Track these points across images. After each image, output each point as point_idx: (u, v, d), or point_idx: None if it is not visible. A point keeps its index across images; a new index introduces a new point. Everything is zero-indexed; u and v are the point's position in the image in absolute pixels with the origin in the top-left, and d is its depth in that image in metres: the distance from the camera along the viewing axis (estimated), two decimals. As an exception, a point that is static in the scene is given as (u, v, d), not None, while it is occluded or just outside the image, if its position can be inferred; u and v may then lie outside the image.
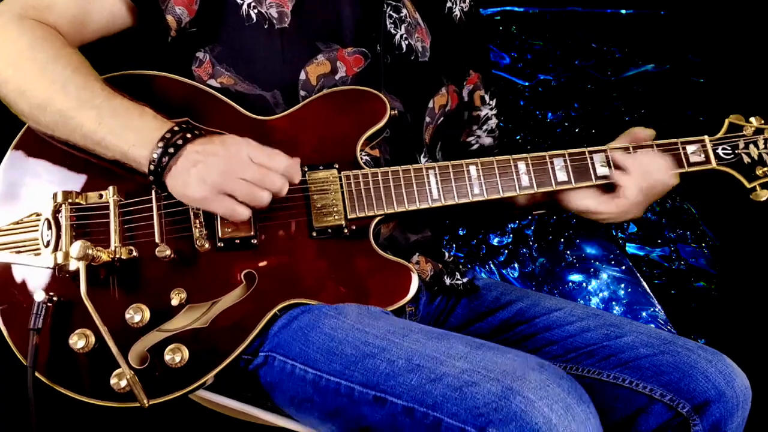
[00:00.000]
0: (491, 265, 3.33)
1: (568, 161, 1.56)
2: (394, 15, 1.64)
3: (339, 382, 1.30)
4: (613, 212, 1.58)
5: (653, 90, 3.31)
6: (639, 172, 1.54)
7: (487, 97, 1.88)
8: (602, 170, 1.56)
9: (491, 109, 1.88)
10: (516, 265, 3.33)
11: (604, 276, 3.28)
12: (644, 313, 3.21)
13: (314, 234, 1.45)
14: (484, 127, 1.88)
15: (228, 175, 1.31)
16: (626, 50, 3.35)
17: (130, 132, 1.33)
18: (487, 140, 1.89)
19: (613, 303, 3.25)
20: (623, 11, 3.34)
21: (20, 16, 1.40)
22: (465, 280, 1.74)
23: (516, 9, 3.37)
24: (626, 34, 3.34)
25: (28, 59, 1.37)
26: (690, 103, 3.25)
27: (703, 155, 1.60)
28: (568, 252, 3.32)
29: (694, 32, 3.24)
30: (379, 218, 1.48)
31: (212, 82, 1.52)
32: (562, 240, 3.33)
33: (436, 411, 1.20)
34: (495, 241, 3.35)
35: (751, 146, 1.61)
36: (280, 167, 1.35)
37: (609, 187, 1.57)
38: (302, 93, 1.52)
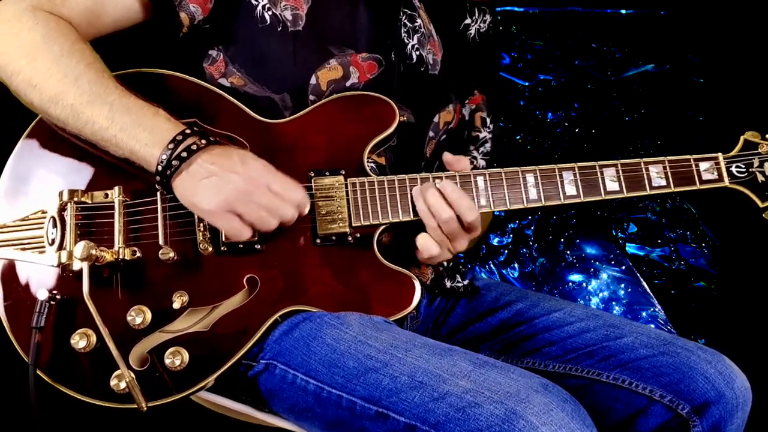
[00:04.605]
0: (491, 265, 3.33)
1: (577, 174, 1.54)
2: (408, 24, 1.62)
3: (341, 395, 1.30)
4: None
5: (653, 90, 3.31)
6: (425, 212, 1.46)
7: (488, 120, 1.86)
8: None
9: (489, 133, 1.86)
10: (516, 265, 3.33)
11: (604, 276, 3.29)
12: (644, 313, 3.21)
13: (318, 241, 1.44)
14: (481, 149, 1.85)
15: (243, 196, 1.31)
16: (626, 50, 3.35)
17: (142, 130, 1.33)
18: (482, 162, 1.86)
19: (613, 303, 3.25)
20: (623, 11, 3.34)
21: (34, 8, 1.39)
22: (465, 282, 1.74)
23: (516, 9, 3.37)
24: (626, 34, 3.34)
25: (42, 51, 1.36)
26: (690, 103, 3.25)
27: (716, 173, 1.55)
28: (568, 252, 3.32)
29: (694, 32, 3.24)
30: (384, 227, 1.48)
31: (223, 81, 1.52)
32: (562, 240, 3.33)
33: (439, 431, 1.19)
34: (495, 241, 3.36)
35: (766, 164, 1.57)
36: (295, 199, 1.36)
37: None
38: (311, 97, 1.52)
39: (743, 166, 1.57)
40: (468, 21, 1.80)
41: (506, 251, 3.34)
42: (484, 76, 1.84)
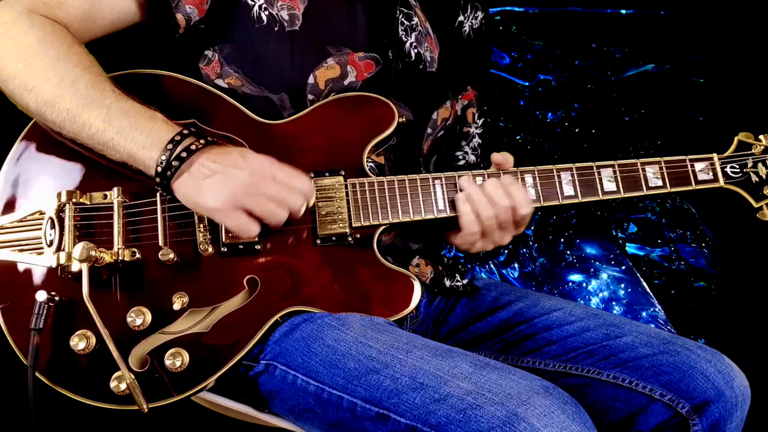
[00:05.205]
0: (491, 265, 3.33)
1: (575, 175, 1.55)
2: (406, 22, 1.63)
3: (341, 396, 1.30)
4: (461, 244, 1.55)
5: (653, 90, 3.31)
6: (477, 202, 1.49)
7: (476, 116, 1.86)
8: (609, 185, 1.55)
9: (477, 128, 1.87)
10: (516, 265, 3.33)
11: (604, 276, 3.28)
12: (644, 313, 3.21)
13: (318, 241, 1.45)
14: (471, 144, 1.87)
15: (250, 189, 1.31)
16: (626, 50, 3.35)
17: (139, 133, 1.32)
18: (472, 158, 1.88)
19: (613, 303, 3.25)
20: (623, 11, 3.34)
21: (30, 11, 1.39)
22: (465, 281, 1.74)
23: (516, 9, 3.37)
24: (626, 34, 3.34)
25: (38, 55, 1.35)
26: (690, 103, 3.25)
27: (711, 173, 1.58)
28: (568, 252, 3.32)
29: (694, 32, 3.24)
30: (383, 227, 1.48)
31: (219, 82, 1.52)
32: (562, 240, 3.33)
33: None
34: (495, 241, 3.35)
35: (760, 165, 1.60)
36: (302, 187, 1.36)
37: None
38: (310, 97, 1.52)
39: (737, 167, 1.60)
40: (461, 18, 1.80)
41: (506, 251, 3.34)
42: (477, 72, 1.85)
